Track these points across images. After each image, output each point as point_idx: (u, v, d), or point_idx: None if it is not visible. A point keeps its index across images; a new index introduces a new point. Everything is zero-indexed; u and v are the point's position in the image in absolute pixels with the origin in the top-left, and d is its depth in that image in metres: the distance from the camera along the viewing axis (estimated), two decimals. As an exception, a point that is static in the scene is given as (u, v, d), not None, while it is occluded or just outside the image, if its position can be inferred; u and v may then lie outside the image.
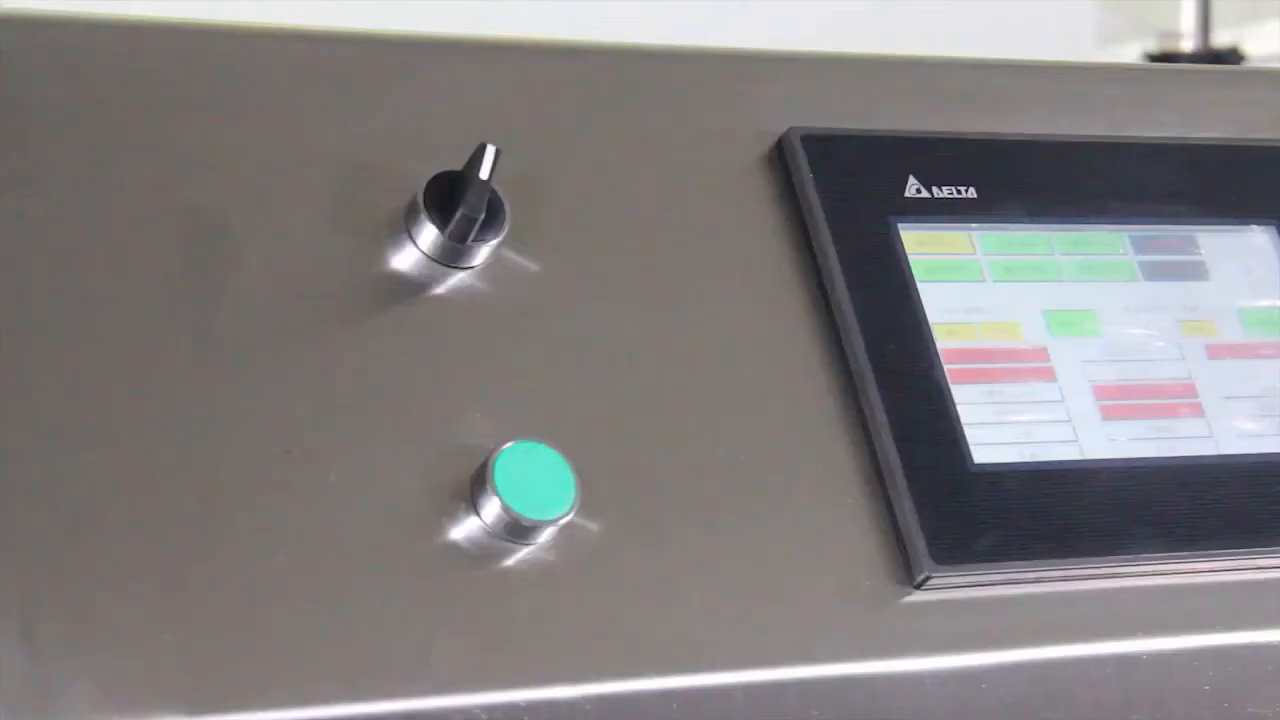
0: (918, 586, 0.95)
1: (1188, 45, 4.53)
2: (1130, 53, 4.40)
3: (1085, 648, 0.98)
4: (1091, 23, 2.57)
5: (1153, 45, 4.50)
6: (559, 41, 1.03)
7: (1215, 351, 1.06)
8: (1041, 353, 1.03)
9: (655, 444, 0.94)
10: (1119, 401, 1.03)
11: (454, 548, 0.89)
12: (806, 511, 0.96)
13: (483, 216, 0.92)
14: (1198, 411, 1.04)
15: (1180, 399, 1.04)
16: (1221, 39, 4.74)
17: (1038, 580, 0.98)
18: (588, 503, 0.91)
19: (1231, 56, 4.43)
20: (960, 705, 0.95)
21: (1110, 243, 1.07)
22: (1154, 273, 1.07)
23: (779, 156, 1.02)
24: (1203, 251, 1.08)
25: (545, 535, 0.90)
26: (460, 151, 0.94)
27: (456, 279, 0.94)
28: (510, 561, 0.90)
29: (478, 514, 0.89)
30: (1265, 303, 1.08)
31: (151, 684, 0.82)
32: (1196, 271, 1.08)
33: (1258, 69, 1.73)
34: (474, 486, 0.90)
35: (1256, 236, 1.10)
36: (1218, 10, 4.87)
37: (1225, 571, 1.01)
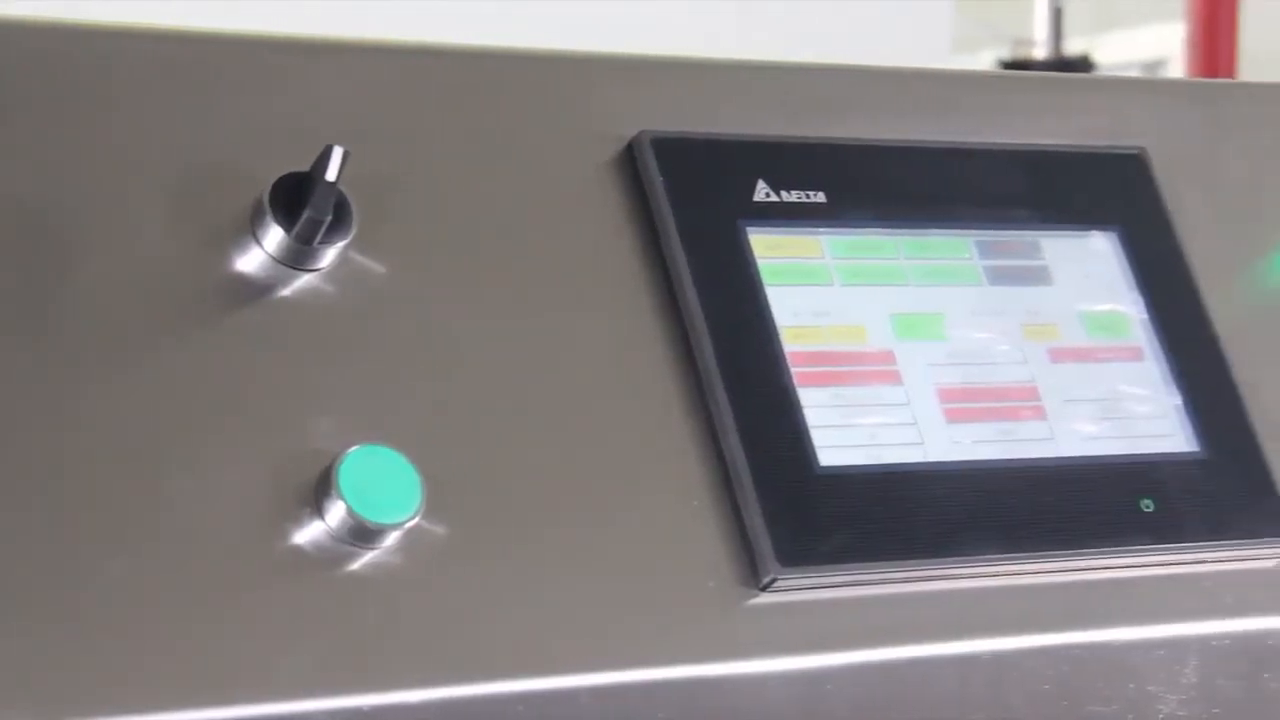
0: (764, 588, 0.93)
1: (1040, 53, 4.57)
2: (985, 59, 4.42)
3: (928, 648, 0.96)
4: (947, 30, 2.57)
5: (1006, 52, 4.52)
6: (410, 43, 1.00)
7: (1057, 355, 1.05)
8: (888, 356, 1.01)
9: (502, 447, 0.92)
10: (963, 404, 1.01)
11: (298, 552, 0.86)
12: (653, 514, 0.94)
13: (329, 218, 0.89)
14: (1040, 414, 1.03)
15: (1023, 402, 1.03)
16: (1073, 47, 4.77)
17: (882, 581, 0.96)
18: (433, 506, 0.88)
19: (1082, 64, 4.47)
20: (805, 706, 0.94)
21: (956, 248, 1.05)
22: (998, 277, 1.06)
23: (629, 160, 1.00)
24: (1046, 256, 1.07)
25: (390, 539, 0.87)
26: (309, 153, 0.90)
27: (302, 281, 0.91)
28: (355, 566, 0.87)
29: (322, 518, 0.86)
30: (1106, 307, 1.07)
31: (-15, 692, 0.79)
32: (1040, 276, 1.07)
33: (1104, 77, 1.73)
34: (318, 491, 0.87)
35: (1098, 242, 1.08)
36: (1070, 19, 4.91)
37: (1064, 572, 1.00)
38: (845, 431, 0.98)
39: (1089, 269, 1.08)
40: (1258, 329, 1.10)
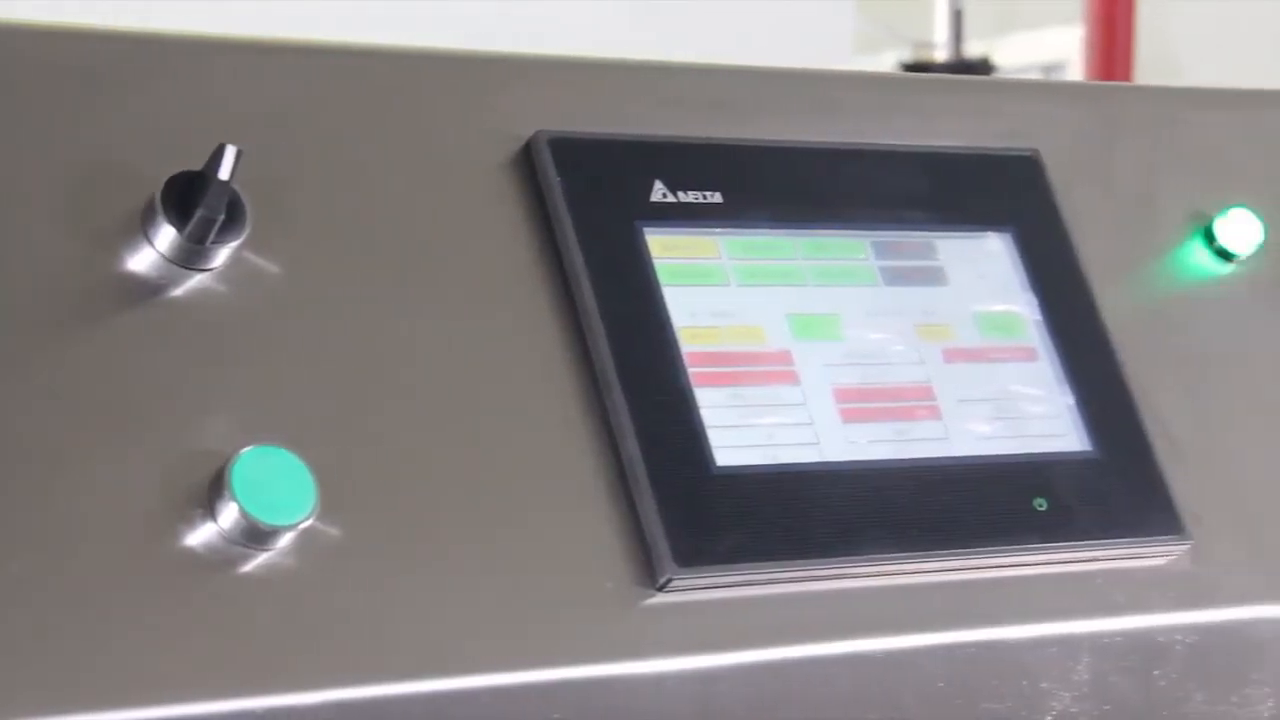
0: (660, 589, 0.93)
1: (941, 55, 4.59)
2: (886, 61, 4.44)
3: (823, 647, 0.96)
4: (848, 31, 2.58)
5: (907, 55, 4.54)
6: (305, 41, 0.99)
7: (951, 355, 1.05)
8: (784, 356, 1.01)
9: (399, 448, 0.91)
10: (859, 405, 1.01)
11: (190, 554, 0.85)
12: (550, 515, 0.93)
13: (222, 217, 0.88)
14: (935, 414, 1.03)
15: (918, 402, 1.03)
16: (974, 49, 4.80)
17: (777, 581, 0.96)
18: (328, 507, 0.87)
19: (982, 67, 4.49)
20: (701, 705, 0.93)
21: (852, 248, 1.05)
22: (894, 278, 1.06)
23: (526, 160, 0.99)
24: (941, 257, 1.07)
25: (285, 540, 0.86)
26: (202, 152, 0.89)
27: (195, 281, 0.90)
28: (249, 567, 0.86)
29: (215, 520, 0.85)
30: (1000, 307, 1.07)
31: None
32: (935, 277, 1.07)
33: (999, 79, 1.74)
34: (211, 492, 0.86)
35: (992, 243, 1.09)
36: (970, 22, 4.93)
37: (958, 571, 1.00)
38: (742, 431, 0.98)
39: (983, 270, 1.08)
40: (1149, 329, 1.11)
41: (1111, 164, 1.16)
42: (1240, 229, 1.14)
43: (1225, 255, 1.15)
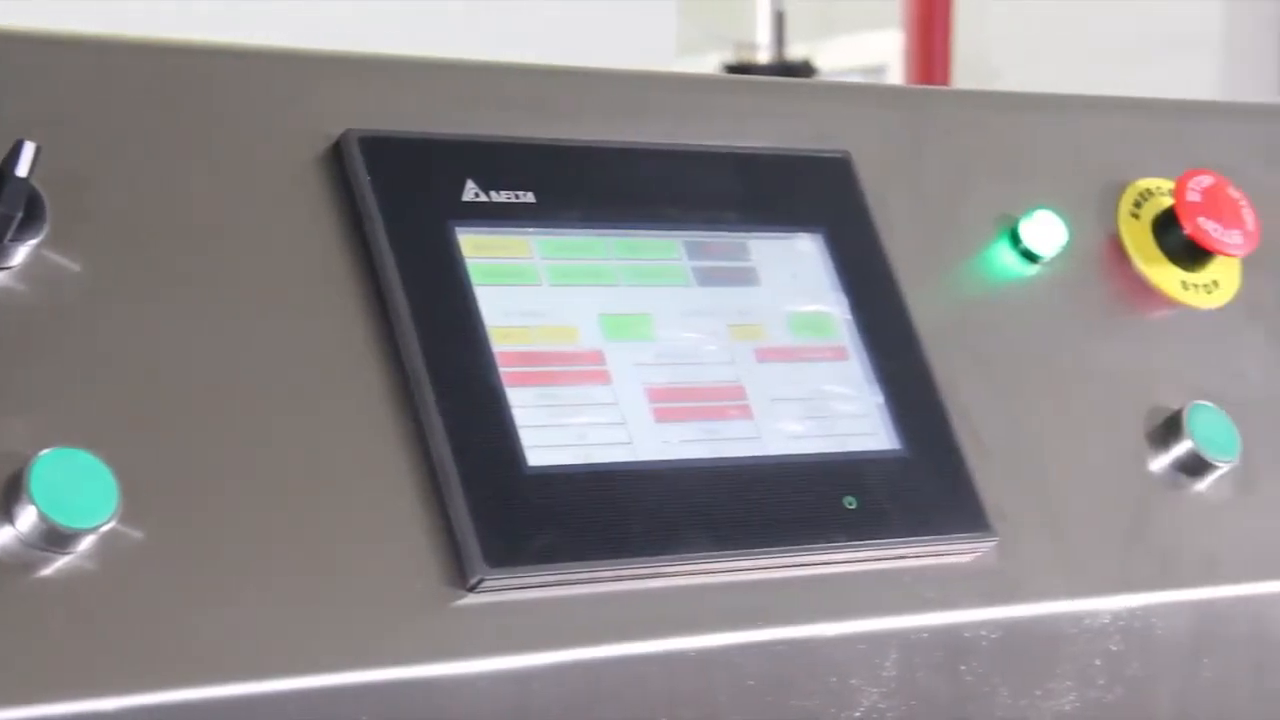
0: (471, 589, 0.92)
1: (763, 57, 4.62)
2: (710, 63, 4.45)
3: (636, 646, 0.95)
4: (671, 32, 2.58)
5: (730, 56, 4.56)
6: (108, 36, 0.97)
7: (764, 355, 1.05)
8: (596, 356, 1.00)
9: (204, 449, 0.89)
10: (671, 404, 1.01)
11: (-13, 558, 0.82)
12: (360, 516, 0.92)
13: (20, 215, 0.86)
14: (747, 414, 1.03)
15: (730, 401, 1.03)
16: (796, 52, 4.83)
17: (590, 581, 0.95)
18: (130, 510, 0.85)
19: (804, 69, 4.52)
20: (514, 705, 0.92)
21: (665, 248, 1.05)
22: (706, 278, 1.05)
23: (337, 159, 0.98)
24: (753, 258, 1.07)
25: (85, 544, 0.84)
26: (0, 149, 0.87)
27: (-8, 279, 0.87)
28: (48, 571, 0.84)
29: (12, 523, 0.83)
30: (811, 308, 1.07)
31: None
32: (747, 277, 1.07)
33: (813, 82, 1.75)
34: (8, 495, 0.83)
35: (804, 243, 1.09)
36: (793, 24, 4.96)
37: (770, 569, 1.00)
38: (554, 431, 0.97)
39: (795, 270, 1.08)
40: (957, 329, 1.11)
41: (921, 166, 1.16)
42: (1044, 231, 1.15)
43: (1030, 257, 1.16)
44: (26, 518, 0.83)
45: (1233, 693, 1.12)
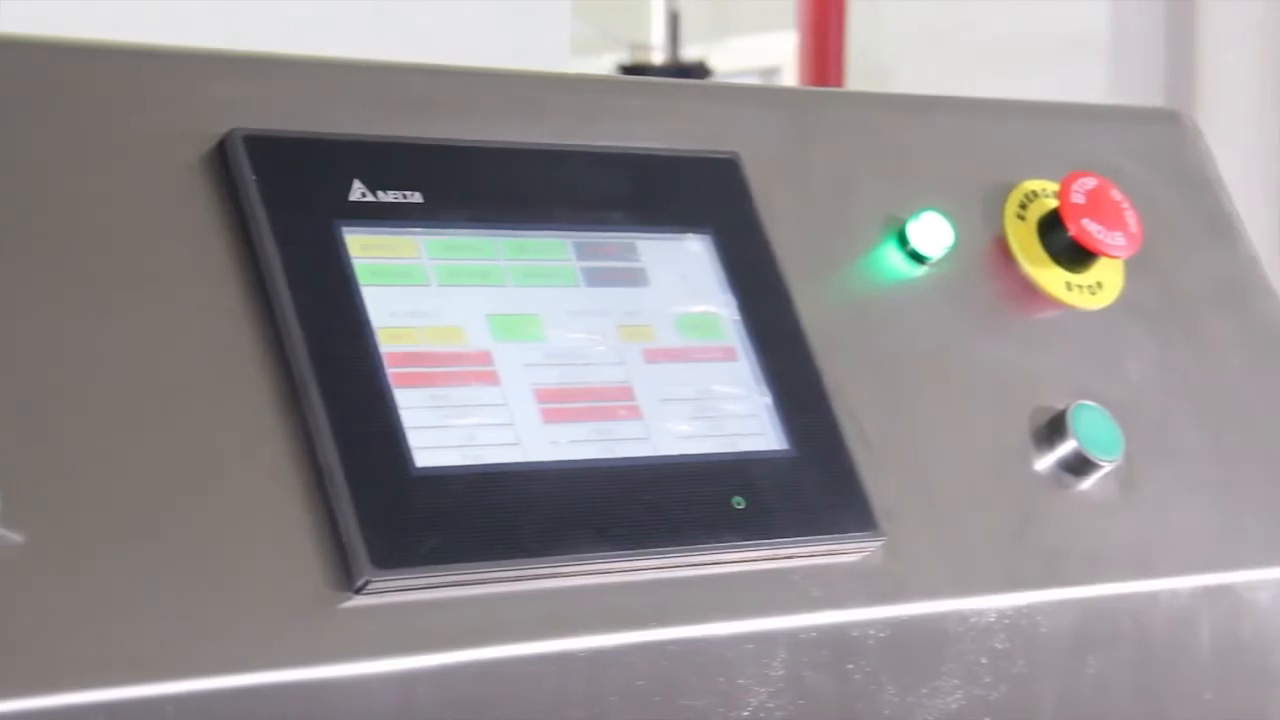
0: (358, 591, 0.91)
1: (659, 58, 4.62)
2: (606, 64, 4.45)
3: (524, 647, 0.95)
4: (565, 33, 2.57)
5: (626, 57, 4.56)
6: (-12, 33, 0.95)
7: (652, 355, 1.05)
8: (485, 356, 1.00)
9: (84, 452, 0.88)
10: (560, 405, 1.00)
11: None
12: (245, 518, 0.91)
13: (-104, 214, 0.84)
14: (636, 414, 1.02)
15: (619, 402, 1.02)
16: (692, 53, 4.84)
17: (478, 582, 0.95)
18: (10, 513, 0.84)
19: (699, 70, 4.53)
20: (401, 708, 0.92)
21: (554, 249, 1.05)
22: (595, 279, 1.05)
23: (221, 158, 0.97)
24: (642, 258, 1.07)
25: (-37, 547, 0.83)
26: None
27: None
28: (-75, 575, 0.82)
29: (-116, 527, 0.81)
30: (700, 308, 1.07)
31: None
32: (636, 278, 1.07)
33: (704, 83, 1.75)
34: (-117, 498, 0.82)
35: (693, 244, 1.09)
36: (689, 26, 4.97)
37: (659, 569, 1.00)
38: (442, 432, 0.96)
39: (684, 270, 1.08)
40: (845, 330, 1.12)
41: (810, 167, 1.17)
42: (931, 232, 1.16)
43: (918, 258, 1.16)
44: (-98, 521, 0.81)
45: (1115, 690, 1.13)
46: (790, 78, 4.80)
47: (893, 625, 1.05)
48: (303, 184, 0.98)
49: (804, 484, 1.04)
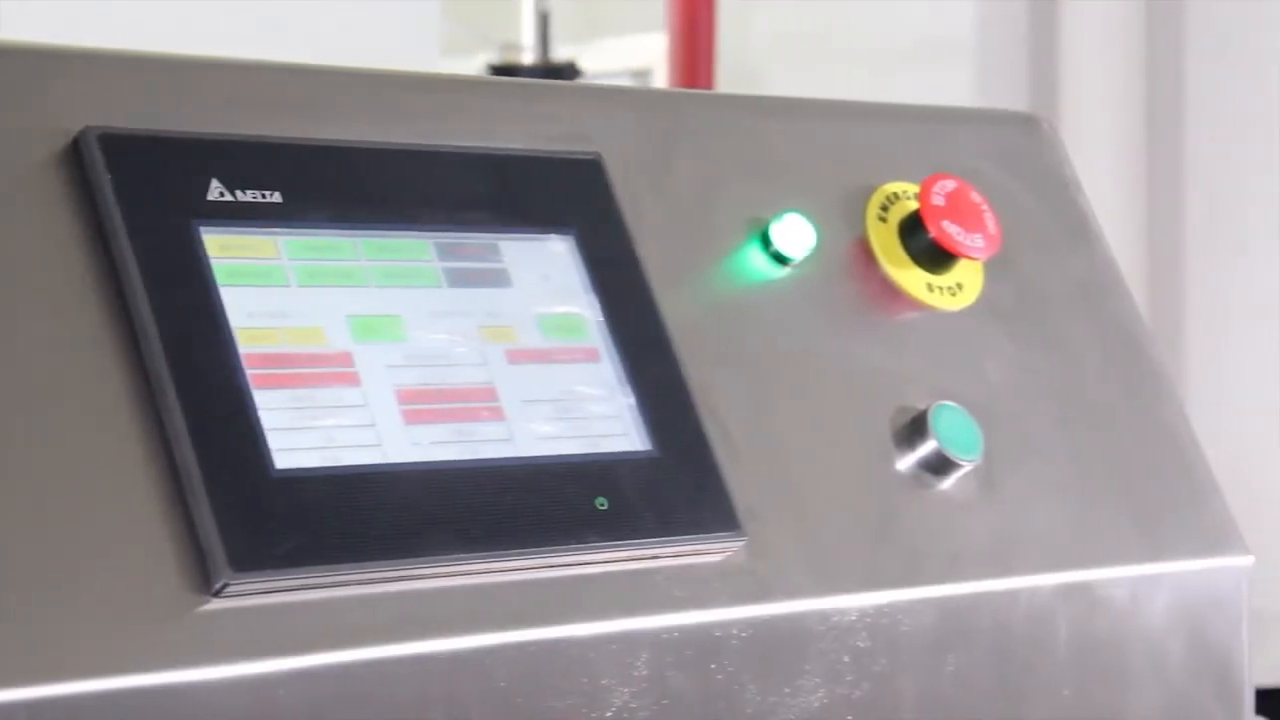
0: (216, 594, 0.90)
1: (528, 58, 4.61)
2: (476, 64, 4.43)
3: (384, 649, 0.94)
4: (434, 32, 2.56)
5: (496, 57, 4.55)
6: None
7: (515, 356, 1.04)
8: (345, 358, 0.99)
9: (-66, 454, 0.86)
10: (422, 406, 1.00)
11: None
12: (100, 520, 0.89)
13: None
14: (498, 415, 1.02)
15: (481, 403, 1.02)
16: (562, 54, 4.83)
17: (338, 584, 0.94)
18: None
19: (569, 71, 4.53)
20: (259, 711, 0.91)
21: (416, 249, 1.04)
22: (458, 279, 1.05)
23: (75, 157, 0.95)
24: (505, 259, 1.07)
25: None
26: None
27: None
28: None
29: None
30: (562, 309, 1.07)
31: None
32: (499, 279, 1.06)
33: (568, 84, 1.74)
34: None
35: (556, 245, 1.09)
36: (559, 26, 4.97)
37: (522, 570, 0.99)
38: (302, 434, 0.96)
39: (547, 271, 1.08)
40: (708, 331, 1.12)
41: (673, 168, 1.17)
42: (794, 233, 1.16)
43: (780, 259, 1.17)
44: None
45: (975, 687, 1.14)
46: (661, 79, 4.81)
47: (755, 625, 1.05)
48: (159, 183, 0.97)
49: (667, 484, 1.04)
